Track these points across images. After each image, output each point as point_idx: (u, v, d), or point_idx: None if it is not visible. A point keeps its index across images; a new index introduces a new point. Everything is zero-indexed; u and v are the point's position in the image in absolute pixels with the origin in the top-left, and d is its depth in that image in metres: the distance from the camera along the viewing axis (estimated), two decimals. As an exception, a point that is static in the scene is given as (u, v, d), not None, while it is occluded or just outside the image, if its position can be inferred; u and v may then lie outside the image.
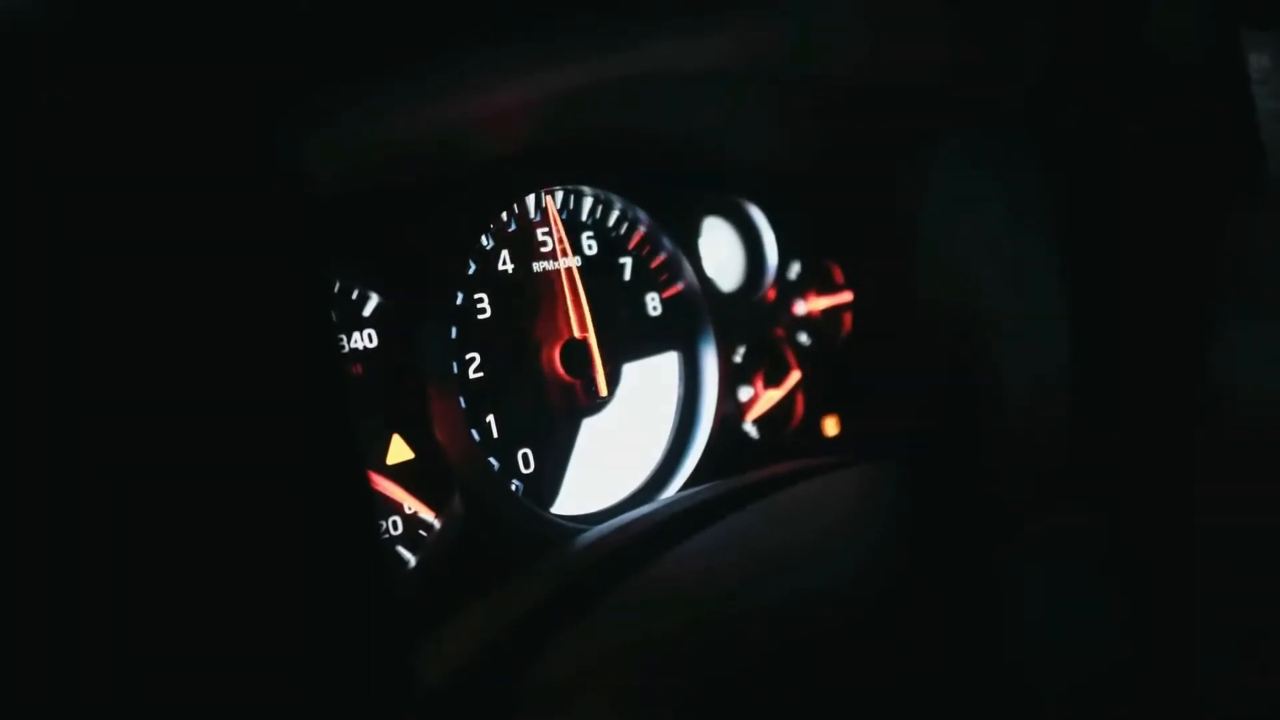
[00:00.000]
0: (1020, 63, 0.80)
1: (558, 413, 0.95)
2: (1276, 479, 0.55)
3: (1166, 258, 0.69)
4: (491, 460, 0.89)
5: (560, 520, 0.91)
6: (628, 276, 1.01)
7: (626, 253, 1.01)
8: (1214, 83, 0.85)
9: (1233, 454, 0.57)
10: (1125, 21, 0.82)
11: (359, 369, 0.84)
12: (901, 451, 0.93)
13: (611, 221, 1.00)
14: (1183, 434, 0.58)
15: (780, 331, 1.11)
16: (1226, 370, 0.60)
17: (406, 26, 0.56)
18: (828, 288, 1.14)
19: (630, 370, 0.99)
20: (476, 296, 0.91)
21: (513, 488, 0.90)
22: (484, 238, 0.92)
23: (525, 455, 0.92)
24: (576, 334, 0.94)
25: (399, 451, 0.85)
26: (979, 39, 0.78)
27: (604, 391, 0.95)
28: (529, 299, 0.94)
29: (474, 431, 0.88)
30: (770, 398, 1.08)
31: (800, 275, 1.13)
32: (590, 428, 0.96)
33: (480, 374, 0.90)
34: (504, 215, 0.93)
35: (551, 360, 0.94)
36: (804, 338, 1.12)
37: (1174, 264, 0.70)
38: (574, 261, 0.96)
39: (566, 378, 0.94)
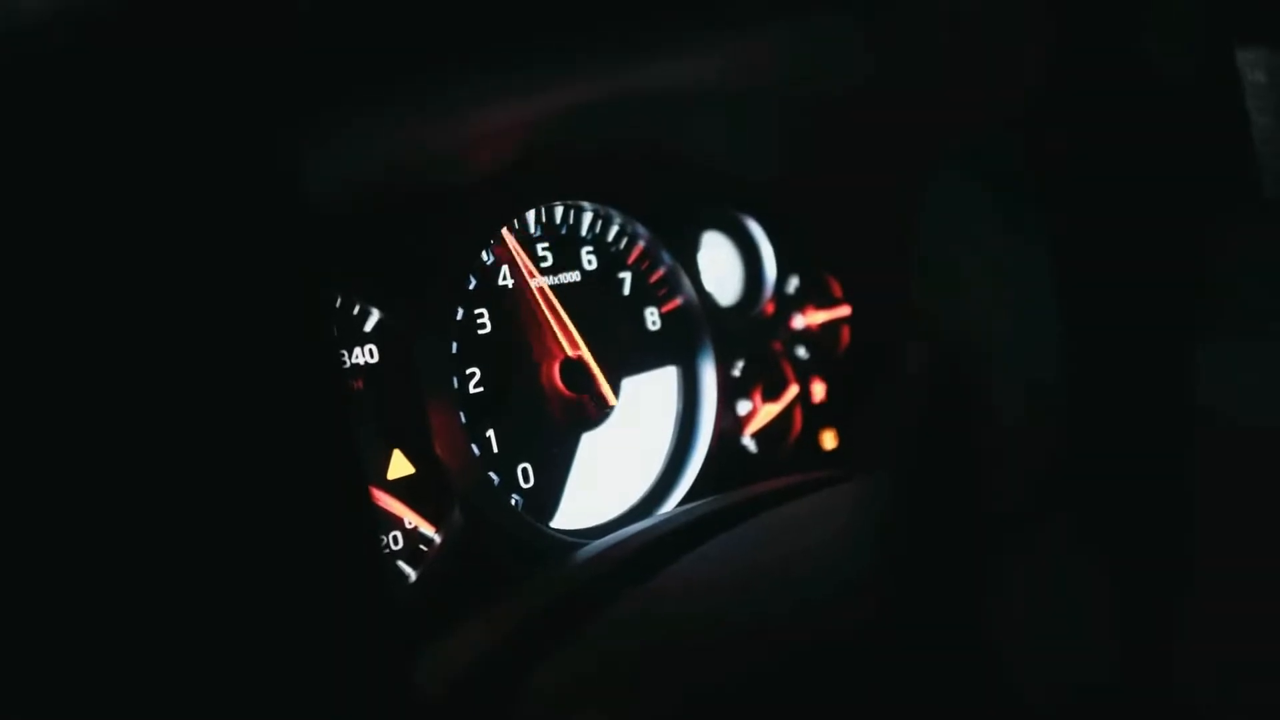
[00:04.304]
0: (1017, 80, 0.81)
1: (557, 427, 0.95)
2: (1269, 492, 0.56)
3: (1161, 274, 0.69)
4: (491, 475, 0.90)
5: (559, 535, 0.91)
6: (627, 291, 1.01)
7: (626, 268, 1.02)
8: (1210, 99, 0.85)
9: (1226, 468, 0.57)
10: (1121, 39, 0.82)
11: (360, 384, 0.84)
12: (899, 465, 0.93)
13: (611, 236, 1.01)
14: (1177, 449, 0.58)
15: (779, 345, 1.11)
16: (1220, 386, 0.60)
17: (407, 44, 0.56)
18: (826, 301, 1.15)
19: (629, 385, 1.00)
20: (477, 311, 0.92)
21: (512, 502, 0.91)
22: (484, 253, 0.93)
23: (525, 470, 0.92)
24: (570, 353, 0.94)
25: (399, 466, 0.85)
26: (975, 58, 0.79)
27: (611, 402, 0.95)
28: (529, 314, 0.94)
29: (474, 446, 0.88)
30: (769, 412, 1.09)
31: (798, 289, 1.13)
32: (589, 442, 0.97)
33: (480, 389, 0.90)
34: (504, 230, 0.93)
35: (551, 375, 0.94)
36: (802, 351, 1.13)
37: (1169, 280, 0.71)
38: (572, 277, 0.97)
39: (566, 392, 0.94)
